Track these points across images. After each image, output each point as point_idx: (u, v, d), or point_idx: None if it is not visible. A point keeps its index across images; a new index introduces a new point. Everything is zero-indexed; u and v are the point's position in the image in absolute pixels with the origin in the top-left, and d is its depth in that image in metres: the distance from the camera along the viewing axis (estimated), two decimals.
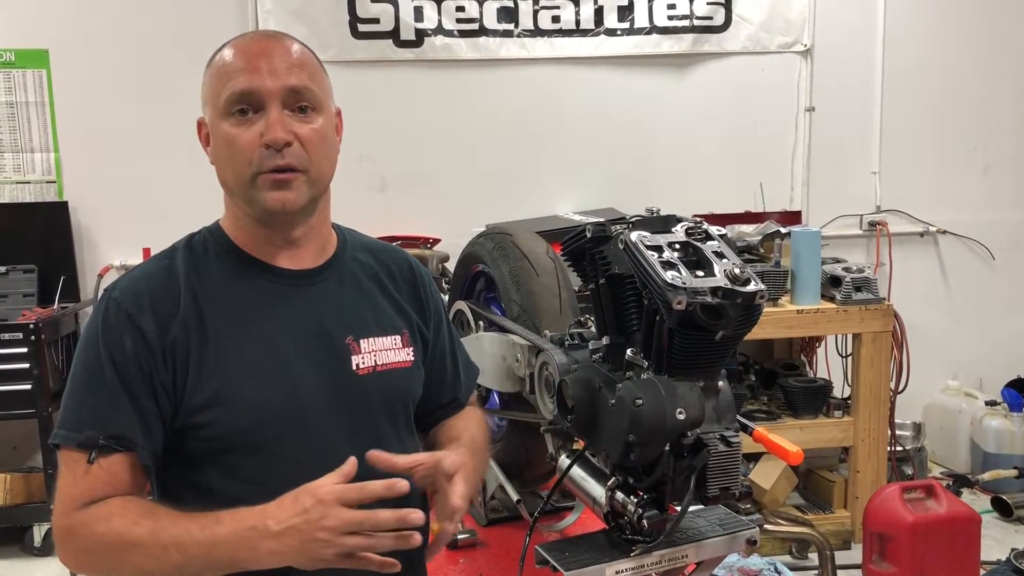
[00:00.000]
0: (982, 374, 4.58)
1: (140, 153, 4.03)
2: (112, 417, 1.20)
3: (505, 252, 1.92)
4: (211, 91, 1.27)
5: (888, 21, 4.39)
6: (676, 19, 4.27)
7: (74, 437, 1.20)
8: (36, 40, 3.99)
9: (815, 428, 3.65)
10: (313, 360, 1.29)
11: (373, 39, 4.10)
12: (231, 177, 1.27)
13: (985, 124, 4.55)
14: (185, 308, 1.24)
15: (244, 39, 1.30)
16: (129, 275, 1.30)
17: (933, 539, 2.90)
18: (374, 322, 1.37)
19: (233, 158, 1.25)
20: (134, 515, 1.16)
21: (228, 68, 1.25)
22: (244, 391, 1.23)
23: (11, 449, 4.08)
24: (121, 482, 1.20)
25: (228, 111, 1.24)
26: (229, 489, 1.22)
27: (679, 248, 1.25)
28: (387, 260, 1.46)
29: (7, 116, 4.02)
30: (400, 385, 1.38)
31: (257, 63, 1.24)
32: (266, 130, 1.22)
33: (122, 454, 1.20)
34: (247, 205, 1.28)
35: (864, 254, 4.49)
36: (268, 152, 1.23)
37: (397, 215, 4.04)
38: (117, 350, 1.21)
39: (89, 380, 1.22)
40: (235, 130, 1.24)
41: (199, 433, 1.23)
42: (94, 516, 1.18)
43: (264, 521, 1.12)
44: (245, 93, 1.23)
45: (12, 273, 3.90)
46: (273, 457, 1.25)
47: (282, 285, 1.31)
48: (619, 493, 1.31)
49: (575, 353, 1.54)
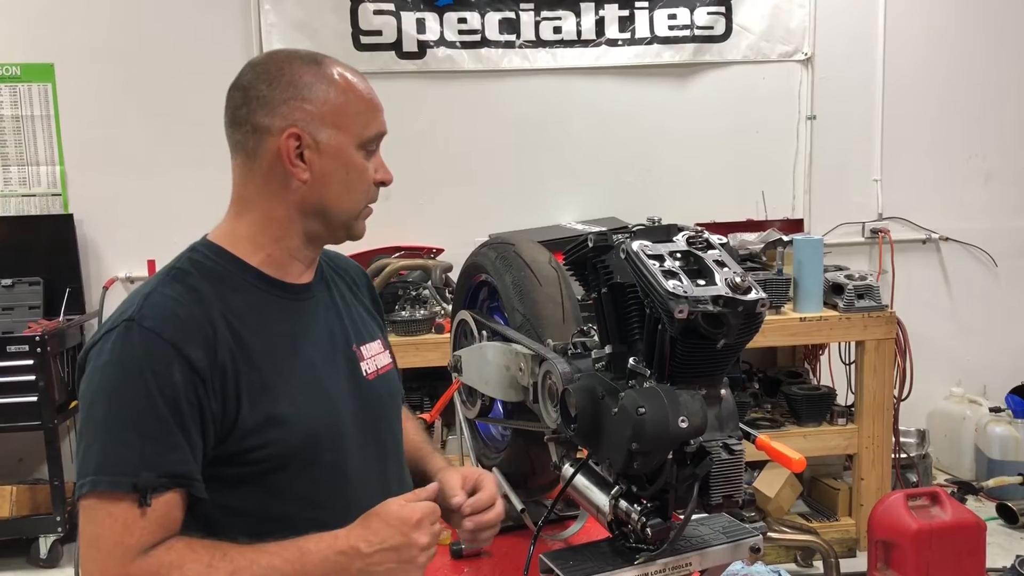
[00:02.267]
0: (986, 381, 4.58)
1: (145, 166, 4.05)
2: (167, 455, 1.14)
3: (508, 262, 1.93)
4: (352, 118, 1.27)
5: (888, 29, 4.40)
6: (677, 29, 4.28)
7: (124, 481, 1.12)
8: (42, 54, 4.02)
9: (819, 436, 3.65)
10: (337, 370, 1.34)
11: (375, 51, 4.12)
12: (347, 204, 1.30)
13: (987, 131, 4.55)
14: (222, 331, 1.21)
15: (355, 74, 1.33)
16: (151, 303, 1.20)
17: (938, 547, 2.90)
18: (364, 329, 1.43)
19: (360, 188, 1.30)
20: (206, 559, 1.13)
21: (368, 103, 1.30)
22: (292, 409, 1.24)
23: (17, 461, 4.09)
24: (174, 522, 1.16)
25: (367, 145, 1.29)
26: (276, 508, 1.23)
27: (680, 257, 1.25)
28: (347, 268, 1.52)
29: (13, 130, 4.04)
30: (395, 386, 1.47)
31: (382, 107, 1.33)
32: (383, 171, 1.32)
33: (174, 492, 1.15)
34: (339, 230, 1.32)
35: (867, 262, 4.49)
36: (379, 189, 1.32)
37: (400, 225, 4.05)
38: (166, 384, 1.14)
39: (134, 417, 1.14)
40: (366, 163, 1.29)
41: (249, 456, 1.21)
42: (162, 564, 1.12)
43: (353, 544, 1.16)
44: (382, 135, 1.31)
45: (18, 285, 3.91)
46: (320, 469, 1.27)
47: (291, 300, 1.33)
48: (623, 501, 1.31)
49: (578, 362, 1.54)
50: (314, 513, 1.21)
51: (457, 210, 4.23)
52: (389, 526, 1.17)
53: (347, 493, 1.27)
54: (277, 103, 1.25)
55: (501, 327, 1.93)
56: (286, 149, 1.24)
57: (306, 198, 1.27)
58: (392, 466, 1.37)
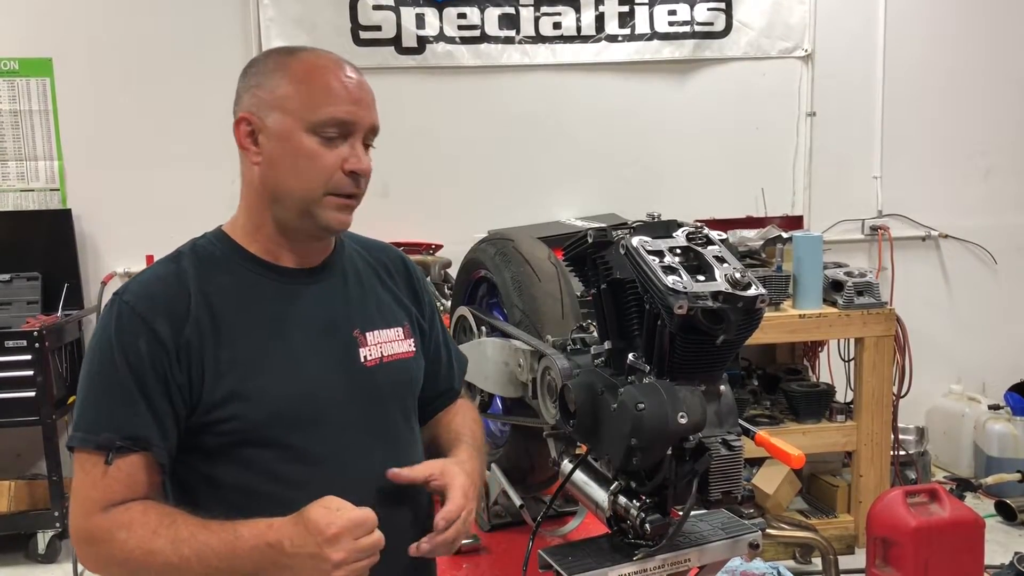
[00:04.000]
0: (985, 378, 4.58)
1: (143, 161, 4.05)
2: (129, 419, 1.22)
3: (507, 258, 1.93)
4: (299, 101, 1.28)
5: (889, 26, 4.40)
6: (677, 25, 4.28)
7: (91, 439, 1.22)
8: (40, 49, 4.01)
9: (818, 433, 3.65)
10: (324, 354, 1.33)
11: (375, 46, 4.12)
12: (297, 189, 1.30)
13: (986, 128, 4.55)
14: (197, 309, 1.27)
15: (330, 59, 1.33)
16: (138, 279, 1.32)
17: (937, 544, 2.90)
18: (378, 315, 1.42)
19: (309, 174, 1.29)
20: (154, 523, 1.19)
21: (325, 87, 1.29)
22: (260, 386, 1.27)
23: (15, 456, 4.09)
24: (138, 483, 1.23)
25: (318, 130, 1.28)
26: (245, 481, 1.27)
27: (680, 253, 1.25)
28: (382, 256, 1.52)
29: (11, 124, 4.03)
30: (405, 375, 1.43)
31: (358, 95, 1.31)
32: (355, 160, 1.30)
33: (139, 454, 1.22)
34: (300, 217, 1.31)
35: (866, 259, 4.49)
36: (349, 179, 1.30)
37: (399, 221, 4.05)
38: (132, 352, 1.23)
39: (104, 383, 1.24)
40: (320, 148, 1.28)
41: (217, 428, 1.26)
42: (115, 523, 1.20)
43: (281, 540, 1.16)
44: (345, 123, 1.29)
45: (16, 281, 3.91)
46: (288, 449, 1.28)
47: (289, 283, 1.35)
48: (622, 497, 1.31)
49: (577, 358, 1.55)
50: (282, 491, 1.23)
51: (456, 206, 4.22)
52: (308, 533, 1.15)
53: (320, 476, 1.27)
54: (241, 92, 1.33)
55: (500, 323, 1.93)
56: (239, 134, 1.32)
57: (264, 182, 1.31)
58: (388, 456, 1.35)
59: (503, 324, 1.90)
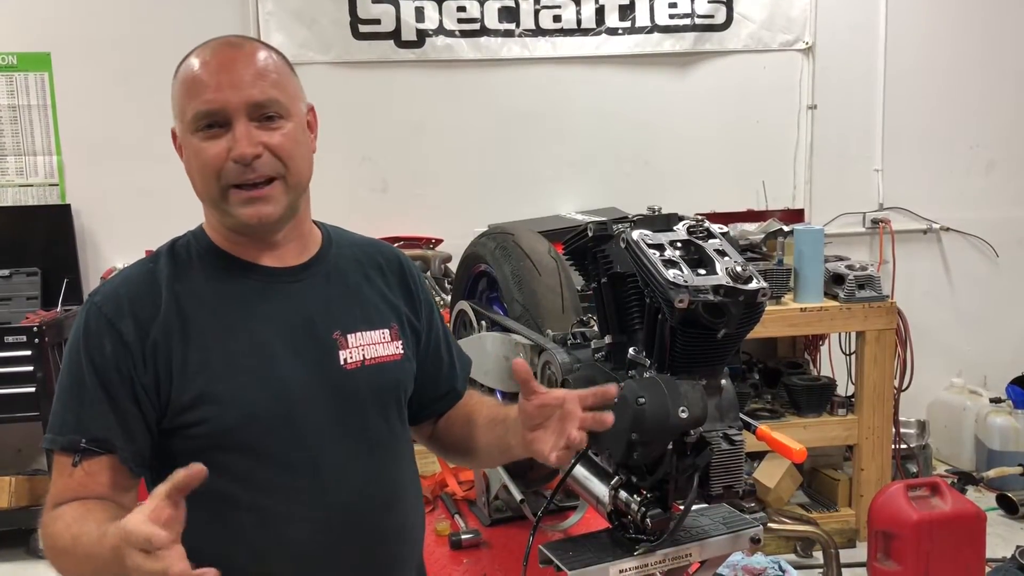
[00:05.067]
0: (986, 371, 4.57)
1: (142, 156, 4.03)
2: (93, 420, 1.22)
3: (507, 252, 1.93)
4: (178, 105, 1.29)
5: (890, 18, 4.38)
6: (677, 18, 4.26)
7: (59, 440, 1.23)
8: (38, 43, 4.00)
9: (819, 426, 3.64)
10: (299, 356, 1.29)
11: (374, 40, 4.10)
12: (201, 190, 1.29)
13: (988, 121, 4.54)
14: (167, 310, 1.25)
15: (206, 50, 1.30)
16: (111, 281, 1.32)
17: (938, 537, 2.90)
18: (361, 316, 1.37)
19: (202, 172, 1.26)
20: (71, 519, 1.18)
21: (193, 83, 1.26)
22: (231, 389, 1.24)
23: (15, 452, 4.09)
24: (98, 484, 1.22)
25: (195, 127, 1.26)
26: (220, 487, 1.21)
27: (681, 246, 1.25)
28: (375, 254, 1.47)
29: (10, 119, 4.03)
30: (390, 378, 1.38)
31: (219, 78, 1.24)
32: (233, 146, 1.23)
33: (104, 457, 1.22)
34: (221, 216, 1.30)
35: (867, 252, 4.48)
36: (238, 167, 1.24)
37: (399, 216, 4.04)
38: (97, 354, 1.23)
39: (72, 385, 1.24)
40: (203, 144, 1.25)
41: (188, 432, 1.24)
42: (54, 517, 1.21)
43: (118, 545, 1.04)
44: (210, 112, 1.24)
45: (15, 276, 3.91)
46: (262, 454, 1.25)
47: (266, 283, 1.32)
48: (622, 492, 1.31)
49: (577, 352, 1.54)
50: (259, 497, 1.21)
51: (456, 200, 4.21)
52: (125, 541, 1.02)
53: (294, 480, 1.24)
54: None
55: (500, 317, 1.93)
56: (175, 145, 1.34)
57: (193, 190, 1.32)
58: (368, 462, 1.31)
59: (503, 318, 1.90)
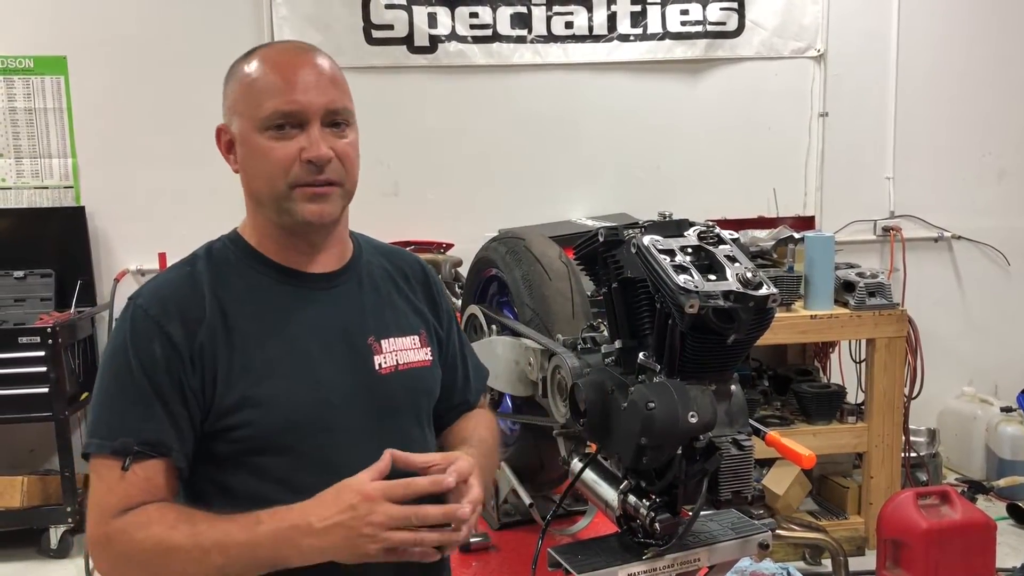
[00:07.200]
0: (997, 380, 4.55)
1: (156, 158, 4.07)
2: (145, 423, 1.21)
3: (518, 257, 1.93)
4: (245, 103, 1.28)
5: (902, 26, 4.38)
6: (689, 25, 4.27)
7: (107, 445, 1.20)
8: (54, 47, 4.03)
9: (829, 434, 3.63)
10: (338, 361, 1.32)
11: (387, 45, 4.11)
12: (264, 188, 1.29)
13: (1000, 129, 4.52)
14: (211, 314, 1.26)
15: (277, 52, 1.33)
16: (152, 283, 1.31)
17: (948, 546, 2.89)
18: (393, 323, 1.40)
19: (269, 170, 1.27)
20: (172, 520, 1.18)
21: (267, 83, 1.27)
22: (273, 393, 1.25)
23: (28, 452, 4.11)
24: (156, 488, 1.22)
25: (266, 126, 1.27)
26: (257, 489, 1.24)
27: (691, 252, 1.25)
28: (400, 263, 1.50)
29: (26, 122, 4.06)
30: (421, 384, 1.41)
31: (296, 81, 1.27)
32: (309, 147, 1.26)
33: (156, 460, 1.21)
34: (279, 215, 1.30)
35: (878, 259, 4.47)
36: (309, 168, 1.27)
37: (410, 220, 4.06)
38: (146, 356, 1.22)
39: (120, 388, 1.23)
40: (273, 144, 1.27)
41: (230, 435, 1.25)
42: (132, 523, 1.18)
43: (306, 519, 1.15)
44: (290, 113, 1.26)
45: (30, 277, 3.94)
46: (301, 457, 1.27)
47: (304, 288, 1.34)
48: (631, 496, 1.31)
49: (587, 357, 1.55)
50: (296, 500, 1.20)
51: (467, 205, 4.23)
52: (340, 499, 1.15)
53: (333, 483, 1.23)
54: (223, 102, 1.34)
55: (511, 321, 1.93)
56: (218, 144, 1.34)
57: (246, 188, 1.33)
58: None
59: (513, 323, 1.91)
